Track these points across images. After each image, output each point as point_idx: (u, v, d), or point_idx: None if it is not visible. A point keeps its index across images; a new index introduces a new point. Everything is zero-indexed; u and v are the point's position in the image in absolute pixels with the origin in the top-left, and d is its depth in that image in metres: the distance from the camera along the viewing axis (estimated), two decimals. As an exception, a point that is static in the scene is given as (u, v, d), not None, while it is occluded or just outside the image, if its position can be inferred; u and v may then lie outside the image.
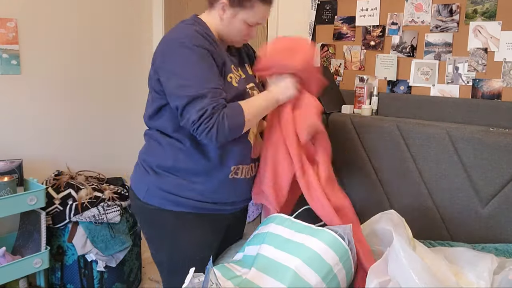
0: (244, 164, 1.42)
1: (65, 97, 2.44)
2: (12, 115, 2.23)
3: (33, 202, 1.97)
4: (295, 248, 1.20)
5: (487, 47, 1.75)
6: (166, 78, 1.29)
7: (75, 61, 2.46)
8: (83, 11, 2.47)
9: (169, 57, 1.27)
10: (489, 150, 1.59)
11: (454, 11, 1.81)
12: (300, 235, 1.23)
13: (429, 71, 1.90)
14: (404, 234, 1.29)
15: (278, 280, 1.13)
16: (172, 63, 1.26)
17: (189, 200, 1.37)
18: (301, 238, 1.22)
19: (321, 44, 2.21)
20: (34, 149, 2.32)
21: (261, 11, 1.36)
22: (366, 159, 1.90)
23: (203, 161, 1.36)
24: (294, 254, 1.18)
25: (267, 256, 1.21)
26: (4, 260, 1.92)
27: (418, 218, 1.78)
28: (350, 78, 2.15)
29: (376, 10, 2.01)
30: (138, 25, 2.78)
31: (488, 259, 1.30)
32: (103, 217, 2.13)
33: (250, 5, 1.33)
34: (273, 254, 1.20)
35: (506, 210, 1.58)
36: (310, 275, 1.14)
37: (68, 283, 2.18)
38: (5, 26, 2.13)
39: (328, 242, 1.19)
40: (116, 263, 2.18)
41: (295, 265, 1.15)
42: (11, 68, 2.18)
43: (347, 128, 1.93)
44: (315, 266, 1.15)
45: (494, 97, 1.76)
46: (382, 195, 1.87)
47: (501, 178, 1.58)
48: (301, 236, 1.23)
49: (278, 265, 1.17)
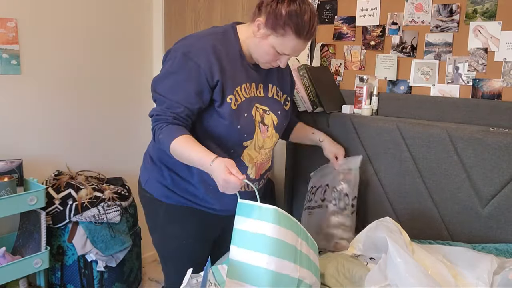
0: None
1: (65, 97, 2.44)
2: (12, 115, 2.23)
3: (33, 202, 1.97)
4: (258, 242, 1.14)
5: (487, 47, 1.75)
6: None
7: (75, 61, 2.46)
8: (83, 11, 2.47)
9: (170, 56, 1.35)
10: (489, 150, 1.59)
11: (454, 11, 1.81)
12: (254, 222, 1.16)
13: (429, 71, 1.90)
14: (400, 240, 1.29)
15: (257, 285, 1.11)
16: (167, 61, 1.34)
17: (182, 198, 1.44)
18: (256, 225, 1.15)
19: (321, 44, 2.21)
20: (34, 149, 2.32)
21: (292, 43, 1.29)
22: (366, 159, 1.90)
23: (188, 173, 1.41)
24: (261, 251, 1.12)
25: (237, 260, 1.15)
26: (4, 260, 1.92)
27: (418, 218, 1.78)
28: (350, 78, 2.14)
29: (376, 10, 2.01)
30: (138, 25, 2.78)
31: (488, 260, 1.30)
32: (103, 217, 2.13)
33: (282, 32, 1.28)
34: (241, 256, 1.15)
35: (506, 210, 1.57)
36: (284, 265, 1.12)
37: (68, 283, 2.18)
38: (5, 26, 2.13)
39: (282, 223, 1.15)
40: (116, 263, 2.19)
41: (266, 262, 1.11)
42: (11, 68, 2.18)
43: (347, 128, 1.93)
44: (284, 254, 1.13)
45: (494, 97, 1.75)
46: (382, 195, 1.87)
47: (501, 178, 1.58)
48: (255, 223, 1.16)
49: (250, 268, 1.12)
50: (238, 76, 1.36)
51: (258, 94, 1.43)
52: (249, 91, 1.39)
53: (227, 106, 1.32)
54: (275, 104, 1.48)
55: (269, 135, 1.45)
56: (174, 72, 1.30)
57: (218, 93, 1.31)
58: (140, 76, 2.74)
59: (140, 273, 2.51)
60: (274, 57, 1.34)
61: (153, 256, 2.86)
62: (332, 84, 2.13)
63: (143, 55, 2.78)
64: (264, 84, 1.45)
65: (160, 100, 1.31)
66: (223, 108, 1.32)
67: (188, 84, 1.29)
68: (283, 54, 1.32)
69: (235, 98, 1.34)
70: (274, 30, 1.28)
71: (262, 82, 1.44)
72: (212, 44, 1.31)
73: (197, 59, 1.28)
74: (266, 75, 1.46)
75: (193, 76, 1.28)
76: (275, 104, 1.48)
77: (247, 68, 1.40)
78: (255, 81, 1.42)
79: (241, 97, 1.36)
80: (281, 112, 1.49)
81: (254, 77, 1.41)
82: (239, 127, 1.35)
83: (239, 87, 1.36)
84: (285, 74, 1.55)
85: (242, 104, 1.36)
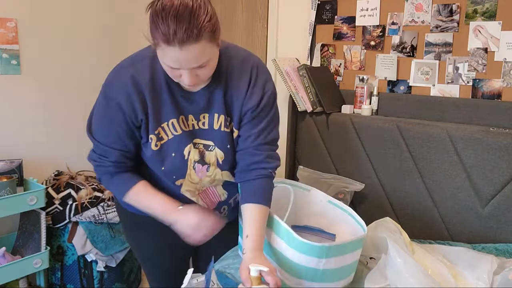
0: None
1: (65, 97, 2.44)
2: (12, 115, 2.23)
3: (33, 202, 1.97)
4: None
5: (487, 47, 1.75)
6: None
7: (75, 61, 2.46)
8: (83, 11, 2.47)
9: (100, 91, 1.20)
10: (489, 150, 1.59)
11: (454, 11, 1.81)
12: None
13: (429, 71, 1.90)
14: (400, 240, 1.29)
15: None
16: (97, 99, 1.21)
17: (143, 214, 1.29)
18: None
19: (321, 44, 2.21)
20: (34, 149, 2.32)
21: (168, 54, 1.00)
22: (366, 159, 1.90)
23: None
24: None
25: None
26: (4, 260, 1.92)
27: (418, 218, 1.78)
28: (350, 78, 2.14)
29: (376, 10, 2.01)
30: (138, 25, 2.78)
31: (488, 260, 1.30)
32: (103, 217, 2.13)
33: (156, 42, 1.00)
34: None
35: (506, 210, 1.58)
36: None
37: (68, 283, 2.18)
38: (5, 26, 2.13)
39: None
40: (116, 263, 2.19)
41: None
42: (11, 68, 2.18)
43: (347, 128, 1.93)
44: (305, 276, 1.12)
45: (494, 97, 1.75)
46: (382, 195, 1.87)
47: (501, 178, 1.58)
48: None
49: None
50: (165, 111, 1.14)
51: (201, 126, 1.18)
52: (183, 126, 1.17)
53: (149, 146, 1.16)
54: (223, 136, 1.19)
55: (209, 174, 1.21)
56: (101, 115, 1.18)
57: (144, 131, 1.16)
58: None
59: (140, 273, 2.51)
60: (174, 74, 1.06)
61: (153, 256, 2.86)
62: (332, 84, 2.13)
63: (143, 55, 2.78)
64: (209, 113, 1.18)
65: (94, 143, 1.23)
66: (146, 147, 1.17)
67: (115, 127, 1.15)
68: (180, 69, 1.03)
69: (157, 137, 1.15)
70: (154, 43, 1.02)
71: (205, 111, 1.18)
72: (131, 77, 1.11)
73: (116, 97, 1.11)
74: (209, 102, 1.17)
75: (117, 118, 1.13)
76: (223, 137, 1.19)
77: (178, 99, 1.15)
78: (193, 112, 1.17)
79: (167, 135, 1.16)
80: (232, 145, 1.21)
81: (190, 109, 1.16)
82: (163, 169, 1.18)
83: (166, 123, 1.15)
84: (235, 95, 1.18)
85: (168, 143, 1.16)
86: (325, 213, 1.37)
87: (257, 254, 1.09)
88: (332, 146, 2.00)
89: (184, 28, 0.95)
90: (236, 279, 1.27)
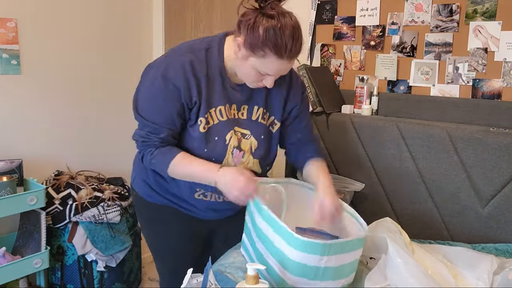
0: (210, 191, 1.37)
1: (65, 97, 2.44)
2: (12, 115, 2.23)
3: (33, 202, 1.97)
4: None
5: (487, 47, 1.75)
6: (137, 87, 1.33)
7: (75, 61, 2.46)
8: (83, 11, 2.47)
9: (144, 75, 1.31)
10: (489, 150, 1.59)
11: (454, 11, 1.81)
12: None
13: (429, 71, 1.90)
14: (400, 240, 1.29)
15: None
16: (148, 79, 1.29)
17: (165, 199, 1.43)
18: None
19: (321, 44, 2.21)
20: (34, 149, 2.32)
21: (274, 64, 1.17)
22: (366, 159, 1.90)
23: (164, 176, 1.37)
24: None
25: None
26: (4, 260, 1.92)
27: (418, 218, 1.78)
28: (350, 78, 2.14)
29: (376, 10, 2.01)
30: (138, 25, 2.78)
31: (488, 261, 1.30)
32: (103, 217, 2.13)
33: (262, 54, 1.16)
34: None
35: (506, 210, 1.58)
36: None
37: (68, 283, 2.18)
38: (5, 26, 2.13)
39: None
40: (116, 263, 2.18)
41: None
42: (11, 68, 2.18)
43: (347, 128, 1.93)
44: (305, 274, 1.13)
45: (494, 97, 1.75)
46: (382, 195, 1.87)
47: (501, 178, 1.58)
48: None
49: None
50: (215, 98, 1.28)
51: (240, 116, 1.34)
52: (227, 113, 1.30)
53: (196, 128, 1.27)
54: (259, 127, 1.36)
55: (244, 161, 1.34)
56: (154, 94, 1.26)
57: (194, 113, 1.27)
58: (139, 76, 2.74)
59: (140, 273, 2.51)
60: (258, 78, 1.23)
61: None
62: (332, 84, 2.13)
63: (143, 55, 2.78)
64: (249, 105, 1.34)
65: (142, 122, 1.29)
66: (193, 129, 1.28)
67: (169, 107, 1.25)
68: (267, 75, 1.22)
69: (206, 121, 1.27)
70: (252, 52, 1.17)
71: (245, 103, 1.34)
72: (190, 62, 1.24)
73: (175, 80, 1.23)
74: (251, 95, 1.34)
75: (172, 98, 1.24)
76: (259, 128, 1.36)
77: (228, 89, 1.30)
78: (237, 102, 1.32)
79: (214, 120, 1.29)
80: (265, 136, 1.37)
81: (236, 98, 1.32)
82: (205, 151, 1.29)
83: (214, 109, 1.28)
84: (276, 92, 1.37)
85: (214, 127, 1.29)
86: None
87: (330, 188, 1.29)
88: (332, 146, 2.00)
89: (297, 48, 1.19)
90: (236, 279, 1.27)
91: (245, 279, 1.00)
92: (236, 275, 1.29)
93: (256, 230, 1.25)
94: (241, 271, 1.29)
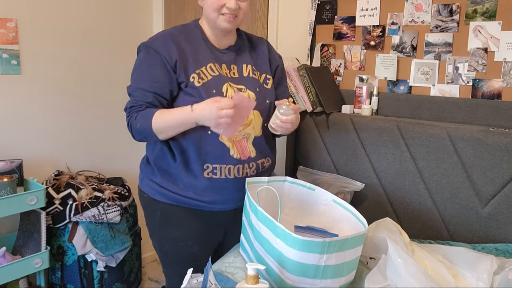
0: (221, 163, 1.39)
1: (65, 97, 2.44)
2: (12, 115, 2.23)
3: (33, 202, 1.97)
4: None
5: (487, 47, 1.75)
6: None
7: (75, 61, 2.46)
8: (83, 11, 2.47)
9: (138, 52, 1.46)
10: (489, 150, 1.59)
11: (454, 11, 1.81)
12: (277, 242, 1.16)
13: (429, 71, 1.90)
14: (400, 240, 1.29)
15: None
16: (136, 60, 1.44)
17: (175, 194, 1.43)
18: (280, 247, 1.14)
19: (321, 44, 2.21)
20: (34, 149, 2.32)
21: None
22: (366, 159, 1.90)
23: (172, 162, 1.42)
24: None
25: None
26: (4, 260, 1.92)
27: (418, 218, 1.78)
28: (350, 78, 2.14)
29: (376, 10, 2.01)
30: (138, 25, 2.78)
31: (488, 261, 1.30)
32: (103, 217, 2.13)
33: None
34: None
35: (506, 210, 1.58)
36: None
37: (68, 283, 2.18)
38: (5, 26, 2.13)
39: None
40: (116, 263, 2.19)
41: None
42: (11, 68, 2.18)
43: (347, 128, 1.93)
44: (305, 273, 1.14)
45: (494, 97, 1.75)
46: (382, 195, 1.87)
47: (501, 178, 1.58)
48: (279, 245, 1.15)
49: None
50: (202, 56, 1.39)
51: (232, 75, 1.43)
52: (217, 70, 1.40)
53: (191, 84, 1.36)
54: (252, 82, 1.46)
55: None
56: (139, 63, 1.40)
57: (181, 73, 1.36)
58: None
59: (140, 273, 2.51)
60: (219, 3, 1.34)
61: (153, 256, 2.86)
62: (332, 84, 2.13)
63: (143, 55, 2.78)
64: (238, 64, 1.46)
65: (131, 90, 1.39)
66: (189, 87, 1.36)
67: (152, 70, 1.36)
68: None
69: (199, 77, 1.36)
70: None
71: (234, 63, 1.45)
72: (170, 32, 1.41)
73: (155, 46, 1.37)
74: (237, 56, 1.47)
75: (154, 61, 1.36)
76: (252, 82, 1.46)
77: (213, 51, 1.43)
78: (226, 62, 1.44)
79: (206, 76, 1.38)
80: (260, 89, 1.46)
81: (224, 59, 1.44)
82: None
83: (204, 66, 1.38)
84: (260, 54, 1.53)
85: (209, 82, 1.37)
86: (329, 212, 1.37)
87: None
88: (332, 146, 2.00)
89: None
90: (236, 279, 1.27)
91: (245, 279, 1.00)
92: (236, 275, 1.29)
93: (253, 230, 1.25)
94: (241, 271, 1.29)
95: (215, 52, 1.43)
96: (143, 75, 1.37)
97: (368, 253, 1.35)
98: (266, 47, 1.55)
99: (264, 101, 1.46)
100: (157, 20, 2.84)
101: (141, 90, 1.35)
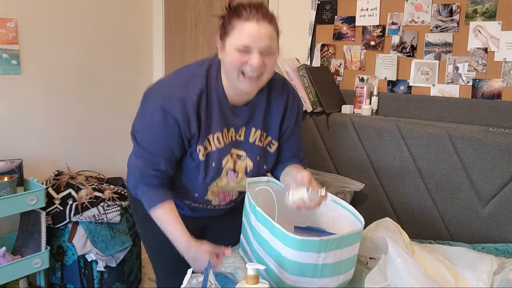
0: (201, 204, 1.42)
1: (65, 97, 2.44)
2: (12, 115, 2.23)
3: (33, 202, 1.97)
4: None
5: (487, 47, 1.75)
6: (137, 113, 1.34)
7: (75, 61, 2.47)
8: (83, 11, 2.47)
9: (144, 102, 1.31)
10: (489, 150, 1.59)
11: (454, 11, 1.81)
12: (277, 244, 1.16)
13: (429, 71, 1.90)
14: (400, 240, 1.29)
15: None
16: (146, 107, 1.29)
17: None
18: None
19: (321, 44, 2.21)
20: (34, 149, 2.32)
21: (244, 30, 1.18)
22: (366, 159, 1.90)
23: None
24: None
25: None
26: (4, 260, 1.92)
27: (418, 218, 1.78)
28: (350, 78, 2.14)
29: (376, 10, 2.01)
30: (138, 25, 2.78)
31: (488, 261, 1.30)
32: (103, 217, 2.13)
33: (231, 27, 1.20)
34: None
35: (506, 210, 1.58)
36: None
37: (68, 283, 2.18)
38: (5, 26, 2.13)
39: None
40: (116, 263, 2.18)
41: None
42: (11, 68, 2.18)
43: (347, 128, 1.93)
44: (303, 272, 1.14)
45: (494, 97, 1.75)
46: (382, 195, 1.87)
47: (501, 178, 1.58)
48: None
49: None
50: (214, 125, 1.29)
51: (237, 138, 1.35)
52: (224, 139, 1.32)
53: (196, 156, 1.29)
54: (255, 149, 1.38)
55: (237, 180, 1.38)
56: (154, 126, 1.27)
57: (193, 143, 1.29)
58: (140, 76, 2.74)
59: (140, 273, 2.51)
60: (242, 59, 1.19)
61: (153, 256, 2.86)
62: (332, 84, 2.13)
63: (143, 55, 2.78)
64: (247, 127, 1.36)
65: (139, 151, 1.30)
66: (193, 157, 1.31)
67: (169, 138, 1.26)
68: (247, 50, 1.18)
69: (204, 148, 1.29)
70: (225, 33, 1.21)
71: (244, 125, 1.35)
72: (190, 96, 1.24)
73: (175, 113, 1.23)
74: (250, 117, 1.35)
75: (173, 132, 1.25)
76: (255, 150, 1.38)
77: (226, 113, 1.31)
78: (235, 125, 1.34)
79: (211, 147, 1.30)
80: (261, 157, 1.39)
81: (234, 122, 1.33)
82: (202, 175, 1.32)
83: (212, 135, 1.30)
84: (274, 114, 1.39)
85: (212, 154, 1.31)
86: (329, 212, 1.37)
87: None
88: (332, 146, 2.00)
89: (261, 10, 1.20)
90: (236, 279, 1.27)
91: (245, 279, 1.00)
92: (236, 275, 1.29)
93: (253, 231, 1.26)
94: (241, 271, 1.29)
95: (227, 114, 1.31)
96: (159, 141, 1.27)
97: (368, 253, 1.35)
98: (284, 102, 1.39)
99: (261, 167, 1.41)
100: (157, 20, 2.84)
101: (154, 155, 1.28)
